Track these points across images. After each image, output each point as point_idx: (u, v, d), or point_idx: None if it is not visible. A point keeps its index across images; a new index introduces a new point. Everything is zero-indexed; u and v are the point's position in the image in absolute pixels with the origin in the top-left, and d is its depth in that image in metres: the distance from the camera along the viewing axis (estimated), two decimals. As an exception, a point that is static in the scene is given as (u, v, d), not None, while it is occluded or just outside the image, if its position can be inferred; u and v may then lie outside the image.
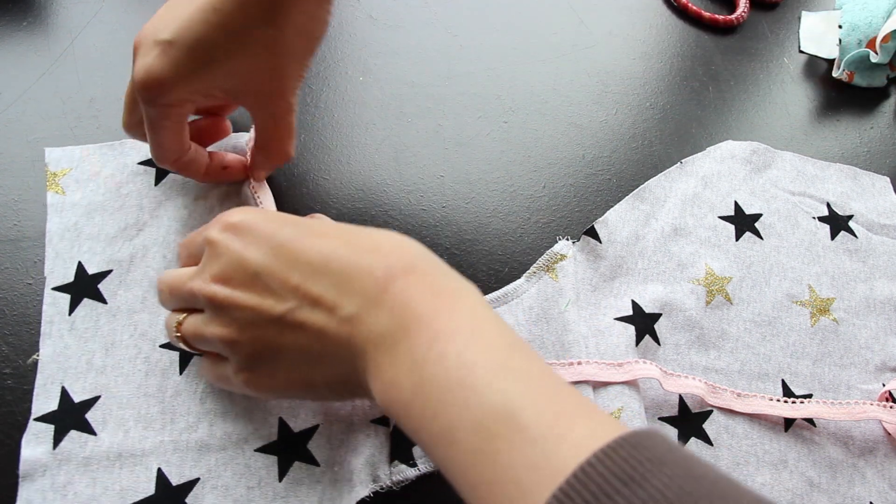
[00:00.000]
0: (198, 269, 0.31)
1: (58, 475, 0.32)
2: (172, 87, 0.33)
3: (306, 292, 0.28)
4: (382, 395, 0.27)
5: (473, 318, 0.27)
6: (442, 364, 0.25)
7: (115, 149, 0.41)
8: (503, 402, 0.24)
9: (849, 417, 0.38)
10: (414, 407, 0.26)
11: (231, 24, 0.32)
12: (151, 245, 0.38)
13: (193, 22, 0.32)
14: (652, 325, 0.40)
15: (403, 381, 0.26)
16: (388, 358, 0.27)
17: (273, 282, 0.28)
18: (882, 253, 0.45)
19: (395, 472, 0.34)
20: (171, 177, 0.40)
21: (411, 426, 0.26)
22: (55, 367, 0.34)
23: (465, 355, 0.26)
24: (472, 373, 0.25)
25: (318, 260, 0.29)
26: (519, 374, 0.25)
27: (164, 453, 0.33)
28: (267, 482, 0.33)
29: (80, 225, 0.38)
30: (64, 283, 0.36)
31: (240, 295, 0.29)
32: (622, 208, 0.43)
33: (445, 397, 0.25)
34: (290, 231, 0.30)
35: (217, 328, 0.29)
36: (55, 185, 0.39)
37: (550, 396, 0.25)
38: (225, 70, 0.33)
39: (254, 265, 0.29)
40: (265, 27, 0.33)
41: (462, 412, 0.24)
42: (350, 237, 0.30)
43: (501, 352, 0.26)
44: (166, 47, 0.32)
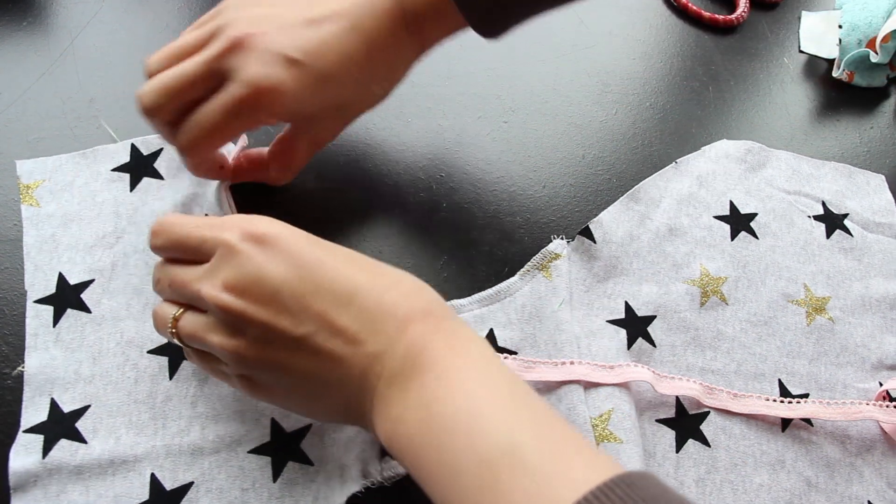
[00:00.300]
0: (207, 271, 0.29)
1: (49, 484, 0.32)
2: (283, 103, 0.34)
3: (329, 321, 0.28)
4: (387, 428, 0.28)
5: (482, 364, 0.28)
6: (451, 403, 0.26)
7: (88, 157, 0.40)
8: (507, 439, 0.25)
9: (845, 418, 0.38)
10: (418, 441, 0.27)
11: (359, 74, 0.35)
12: (132, 252, 0.38)
13: (325, 53, 0.34)
14: (644, 328, 0.40)
15: (410, 416, 0.27)
16: (398, 395, 0.28)
17: (294, 303, 0.28)
18: (877, 251, 0.45)
19: (387, 467, 0.34)
20: (146, 182, 0.40)
21: (412, 460, 0.27)
22: (42, 378, 0.34)
23: (473, 395, 0.27)
24: (479, 411, 0.26)
25: (344, 290, 0.29)
26: (523, 414, 0.26)
27: (157, 458, 0.33)
28: (261, 483, 0.33)
29: (57, 236, 0.38)
30: (46, 296, 0.36)
31: (255, 310, 0.28)
32: (616, 209, 0.43)
33: (452, 435, 0.26)
34: (318, 253, 0.29)
35: (223, 338, 0.29)
36: (29, 197, 0.39)
37: (552, 435, 0.26)
38: (326, 103, 0.36)
39: (275, 283, 0.28)
40: (380, 83, 0.38)
41: (467, 446, 0.25)
42: (373, 270, 0.30)
43: (507, 394, 0.27)
44: (293, 65, 0.33)
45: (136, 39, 0.46)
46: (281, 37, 0.34)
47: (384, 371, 0.28)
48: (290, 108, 0.34)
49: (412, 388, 0.27)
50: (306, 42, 0.34)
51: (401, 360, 0.28)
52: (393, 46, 0.36)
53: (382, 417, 0.28)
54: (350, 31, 0.35)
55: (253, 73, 0.33)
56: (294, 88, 0.33)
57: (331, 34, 0.34)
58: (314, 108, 0.35)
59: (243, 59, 0.33)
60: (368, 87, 0.37)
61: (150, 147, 0.41)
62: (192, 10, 0.49)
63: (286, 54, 0.33)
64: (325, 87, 0.34)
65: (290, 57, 0.33)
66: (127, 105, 0.43)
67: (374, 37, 0.35)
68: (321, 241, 0.31)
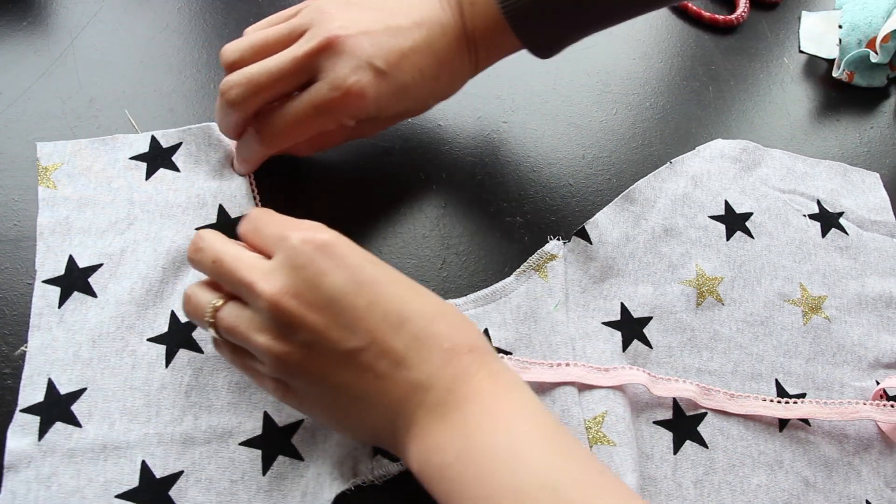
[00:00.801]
0: (268, 268, 0.29)
1: (42, 466, 0.32)
2: (364, 108, 0.35)
3: (380, 340, 0.28)
4: (421, 455, 0.28)
5: (524, 401, 0.29)
6: (493, 436, 0.27)
7: (107, 143, 0.41)
8: (547, 474, 0.26)
9: (842, 418, 0.38)
10: (455, 471, 0.27)
11: (426, 88, 0.38)
12: (142, 240, 0.38)
13: (405, 66, 0.36)
14: (640, 330, 0.40)
15: (449, 446, 0.27)
16: (437, 425, 0.28)
17: (347, 315, 0.28)
18: (873, 249, 0.45)
19: (377, 466, 0.34)
20: (162, 172, 0.40)
21: (445, 488, 0.27)
22: (42, 358, 0.35)
23: (516, 429, 0.27)
24: (521, 444, 0.27)
25: (396, 311, 0.29)
26: (564, 452, 0.27)
27: (149, 446, 0.33)
28: (251, 476, 0.33)
29: (70, 219, 0.38)
30: (54, 276, 0.37)
31: (309, 315, 0.28)
32: (612, 209, 0.43)
33: (491, 465, 0.26)
34: (375, 271, 0.30)
35: (269, 340, 0.28)
36: (46, 179, 0.39)
37: (592, 475, 0.27)
38: (392, 111, 0.38)
39: (332, 291, 0.28)
40: (437, 98, 0.41)
41: (507, 479, 0.26)
42: (422, 296, 0.31)
43: (548, 432, 0.28)
44: (378, 74, 0.35)
45: (136, 39, 0.46)
46: (368, 43, 0.35)
47: (426, 400, 0.28)
48: (368, 112, 0.36)
49: (453, 419, 0.28)
50: (389, 53, 0.36)
51: (444, 391, 0.28)
52: (456, 65, 0.39)
53: (418, 445, 0.28)
54: (425, 46, 0.37)
55: (343, 76, 0.34)
56: (376, 96, 0.35)
57: (410, 48, 0.36)
58: (383, 113, 0.37)
59: (333, 62, 0.35)
60: (426, 101, 0.40)
61: (170, 140, 0.41)
62: (192, 10, 0.49)
63: (374, 63, 0.35)
64: (399, 97, 0.37)
65: (377, 66, 0.35)
66: (127, 105, 0.43)
67: (444, 55, 0.38)
68: (377, 259, 0.31)
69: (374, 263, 0.30)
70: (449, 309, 0.31)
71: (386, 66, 0.35)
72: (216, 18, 0.49)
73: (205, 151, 0.41)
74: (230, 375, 0.35)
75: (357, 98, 0.35)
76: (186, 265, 0.37)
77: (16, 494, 0.31)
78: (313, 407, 0.31)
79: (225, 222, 0.39)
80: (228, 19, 0.49)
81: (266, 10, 0.50)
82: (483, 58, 0.40)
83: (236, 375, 0.35)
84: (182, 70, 0.46)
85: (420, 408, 0.28)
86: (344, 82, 0.34)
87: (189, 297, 0.32)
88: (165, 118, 0.43)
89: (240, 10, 0.49)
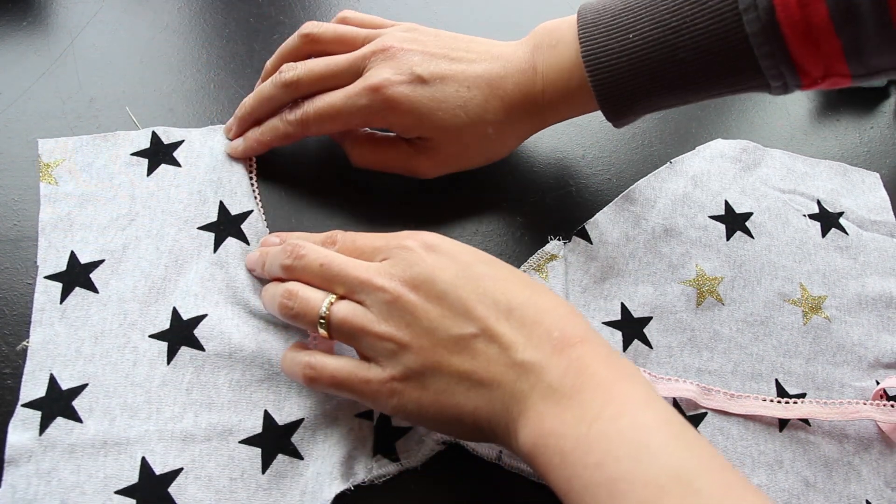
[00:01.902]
0: (381, 268, 0.32)
1: (43, 461, 0.32)
2: (397, 112, 0.38)
3: (488, 327, 0.30)
4: (535, 440, 0.28)
5: (645, 393, 0.29)
6: (615, 423, 0.27)
7: (108, 140, 0.41)
8: (677, 465, 0.25)
9: (842, 417, 0.38)
10: (573, 456, 0.27)
11: (483, 128, 0.39)
12: (144, 236, 0.38)
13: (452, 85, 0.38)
14: (640, 329, 0.40)
15: (568, 431, 0.27)
16: (554, 409, 0.28)
17: (458, 305, 0.30)
18: (873, 249, 0.45)
19: (377, 466, 0.34)
20: (164, 168, 0.40)
21: (563, 474, 0.27)
22: (44, 354, 0.35)
23: (640, 419, 0.27)
24: (646, 434, 0.27)
25: (504, 302, 0.31)
26: (692, 444, 0.27)
27: (149, 442, 0.33)
28: (250, 474, 0.33)
29: (72, 215, 0.38)
30: (56, 272, 0.37)
31: (426, 305, 0.30)
32: (612, 209, 0.43)
33: (615, 451, 0.26)
34: (484, 268, 0.32)
35: (390, 328, 0.30)
36: (48, 175, 0.39)
37: (721, 469, 0.26)
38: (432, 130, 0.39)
39: (444, 284, 0.31)
40: (490, 144, 0.41)
41: (633, 466, 0.26)
42: (534, 289, 0.32)
43: (674, 423, 0.27)
44: (418, 82, 0.38)
45: (136, 39, 0.46)
46: (420, 58, 0.38)
47: (539, 384, 0.29)
48: (403, 120, 0.38)
49: (572, 404, 0.28)
50: (437, 67, 0.38)
51: (559, 376, 0.28)
52: (510, 106, 0.39)
53: (531, 428, 0.28)
54: (480, 76, 0.38)
55: (380, 75, 0.38)
56: (410, 102, 0.38)
57: (462, 72, 0.38)
58: (425, 130, 0.39)
59: (380, 64, 0.38)
60: (473, 140, 0.40)
61: (171, 137, 0.41)
62: (192, 10, 0.49)
63: (415, 70, 0.38)
64: (440, 115, 0.38)
65: (418, 73, 0.38)
66: (127, 104, 0.43)
67: (499, 90, 0.39)
68: (490, 258, 0.33)
69: (485, 262, 0.33)
70: (561, 303, 0.32)
71: (428, 75, 0.37)
72: (216, 18, 0.49)
73: (207, 147, 0.41)
74: (231, 373, 0.35)
75: (387, 96, 0.37)
76: (188, 262, 0.38)
77: (16, 489, 0.31)
78: (430, 402, 0.30)
79: (225, 219, 0.39)
80: (228, 19, 0.49)
81: (266, 10, 0.50)
82: (548, 118, 0.41)
83: (237, 373, 0.35)
84: (182, 70, 0.46)
85: (534, 391, 0.29)
86: (378, 78, 0.37)
87: (294, 292, 0.33)
88: (165, 118, 0.43)
89: (240, 10, 0.49)
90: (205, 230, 0.38)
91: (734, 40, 0.34)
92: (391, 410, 0.31)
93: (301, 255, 0.34)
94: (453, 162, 0.41)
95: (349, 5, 0.51)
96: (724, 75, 0.35)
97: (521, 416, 0.29)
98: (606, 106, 0.38)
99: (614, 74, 0.36)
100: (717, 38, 0.34)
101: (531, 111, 0.40)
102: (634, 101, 0.38)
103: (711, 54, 0.35)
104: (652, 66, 0.36)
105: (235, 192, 0.40)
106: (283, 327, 0.37)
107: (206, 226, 0.39)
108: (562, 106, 0.40)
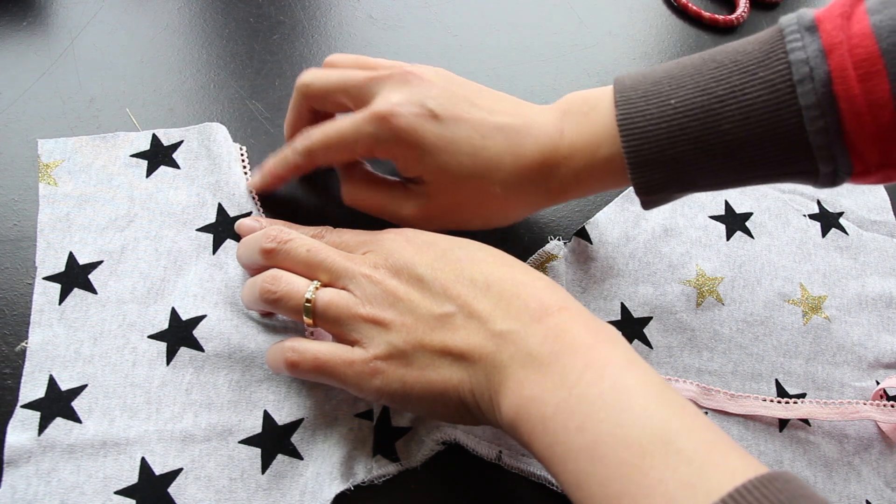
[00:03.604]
0: (364, 257, 0.33)
1: (42, 462, 0.32)
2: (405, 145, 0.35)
3: (466, 304, 0.31)
4: (517, 409, 0.28)
5: (626, 356, 0.28)
6: (596, 386, 0.27)
7: (108, 140, 0.41)
8: (659, 425, 0.25)
9: (842, 418, 0.38)
10: (555, 421, 0.27)
11: (492, 186, 0.36)
12: (142, 237, 0.38)
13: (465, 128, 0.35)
14: (640, 329, 0.40)
15: (548, 397, 0.27)
16: (534, 376, 0.28)
17: (437, 287, 0.31)
18: (873, 249, 0.45)
19: (377, 466, 0.34)
20: (163, 170, 0.40)
21: (545, 440, 0.27)
22: (43, 355, 0.35)
23: (620, 381, 0.27)
24: (627, 396, 0.26)
25: (482, 280, 0.31)
26: (673, 405, 0.26)
27: (149, 443, 0.33)
28: (250, 474, 0.33)
29: (71, 216, 0.38)
30: (55, 273, 0.37)
31: (405, 289, 0.32)
32: (612, 209, 0.43)
33: (596, 414, 0.26)
34: (461, 252, 0.33)
35: (374, 309, 0.31)
36: (47, 176, 0.39)
37: (704, 429, 0.26)
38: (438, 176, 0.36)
39: (422, 268, 0.32)
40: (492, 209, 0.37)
41: (614, 429, 0.25)
42: (512, 266, 0.32)
43: (655, 385, 0.27)
44: (430, 118, 0.35)
45: (136, 39, 0.46)
46: (437, 92, 0.35)
47: (518, 351, 0.29)
48: (407, 156, 0.35)
49: (552, 370, 0.28)
50: (453, 104, 0.35)
51: (538, 343, 0.29)
52: (524, 167, 0.36)
53: (513, 396, 0.28)
54: (498, 130, 0.35)
55: (386, 102, 0.35)
56: (418, 135, 0.34)
57: (479, 119, 0.35)
58: (432, 175, 0.36)
59: (392, 88, 0.35)
60: (480, 199, 0.37)
61: (171, 139, 0.41)
62: (192, 10, 0.49)
63: (428, 104, 0.35)
64: (450, 162, 0.35)
65: (430, 107, 0.35)
66: (127, 104, 0.43)
67: (517, 147, 0.35)
68: (467, 240, 0.34)
69: (461, 247, 0.33)
70: (539, 276, 0.32)
71: (442, 112, 0.35)
72: (216, 18, 0.49)
73: (206, 149, 0.41)
74: (231, 374, 0.35)
75: (392, 125, 0.34)
76: (187, 264, 0.38)
77: (15, 489, 0.31)
78: (413, 380, 0.30)
79: (223, 221, 0.39)
80: (228, 19, 0.49)
81: (266, 10, 0.50)
82: (566, 193, 0.37)
83: (237, 374, 0.35)
84: (182, 70, 0.46)
85: (514, 359, 0.29)
86: (386, 105, 0.34)
87: (278, 277, 0.33)
88: (165, 118, 0.43)
89: (240, 10, 0.49)
90: (203, 232, 0.38)
91: (786, 114, 0.31)
92: (375, 392, 0.31)
93: (286, 239, 0.34)
94: (445, 217, 0.38)
95: (349, 5, 0.51)
96: (770, 152, 0.32)
97: (502, 386, 0.29)
98: (637, 176, 0.34)
99: (650, 140, 0.33)
100: (767, 111, 0.31)
101: (547, 179, 0.36)
102: (668, 175, 0.34)
103: (759, 127, 0.31)
104: (693, 136, 0.32)
105: (234, 193, 0.40)
106: (283, 328, 0.37)
107: (204, 227, 0.39)
108: (584, 176, 0.36)
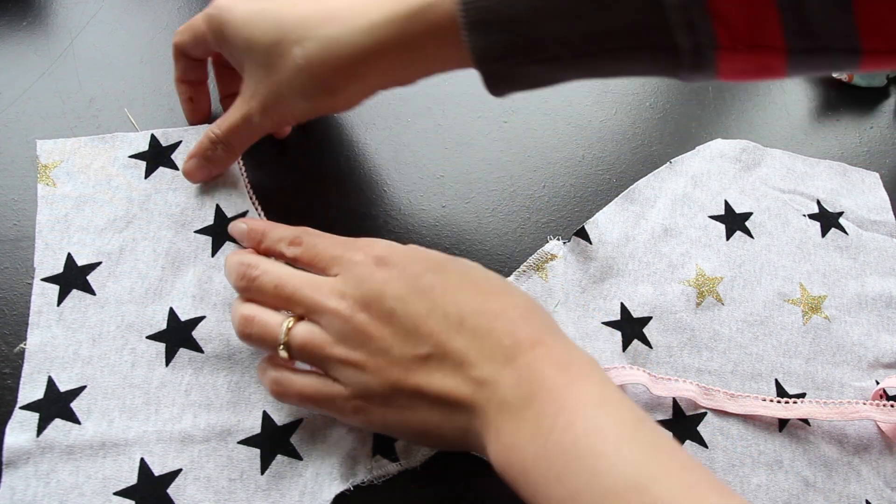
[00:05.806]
0: (333, 286, 0.31)
1: (41, 463, 0.32)
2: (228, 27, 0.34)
3: (439, 343, 0.29)
4: (500, 456, 0.28)
5: (600, 392, 0.28)
6: (570, 432, 0.26)
7: (107, 141, 0.41)
8: (634, 472, 0.25)
9: (842, 417, 0.38)
10: (535, 471, 0.26)
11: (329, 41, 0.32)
12: (141, 238, 0.38)
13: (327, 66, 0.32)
14: (640, 329, 0.40)
15: (526, 445, 0.27)
16: (511, 423, 0.28)
17: (408, 323, 0.29)
18: (872, 249, 0.45)
19: (377, 466, 0.34)
20: (161, 171, 0.40)
21: (528, 490, 0.27)
22: (42, 356, 0.35)
23: (593, 425, 0.26)
24: (601, 441, 0.26)
25: (455, 314, 0.30)
26: (649, 446, 0.26)
27: (148, 443, 0.33)
28: (249, 475, 0.33)
29: (69, 217, 0.38)
30: (53, 275, 0.37)
31: (376, 326, 0.30)
32: (612, 209, 0.43)
33: (572, 464, 0.26)
34: (433, 278, 0.31)
35: (345, 350, 0.30)
36: (46, 177, 0.39)
37: (681, 469, 0.25)
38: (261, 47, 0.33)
39: (392, 301, 0.30)
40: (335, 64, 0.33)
41: (590, 479, 0.25)
42: (486, 293, 0.31)
43: (629, 424, 0.27)
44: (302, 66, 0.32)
45: (136, 39, 0.46)
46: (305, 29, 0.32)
47: (493, 398, 0.28)
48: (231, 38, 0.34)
49: (526, 417, 0.27)
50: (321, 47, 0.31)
51: (512, 388, 0.28)
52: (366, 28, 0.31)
53: (494, 443, 0.28)
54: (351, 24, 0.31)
55: None
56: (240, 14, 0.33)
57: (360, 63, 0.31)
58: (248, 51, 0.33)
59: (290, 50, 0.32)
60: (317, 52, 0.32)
61: (170, 139, 0.41)
62: (192, 10, 0.49)
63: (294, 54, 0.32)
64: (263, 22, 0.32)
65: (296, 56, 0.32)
66: (127, 104, 0.43)
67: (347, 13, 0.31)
68: (440, 262, 0.32)
69: (435, 271, 0.31)
70: (513, 304, 0.31)
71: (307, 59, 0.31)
72: (216, 18, 0.49)
73: None
74: (230, 375, 0.35)
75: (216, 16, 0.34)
76: (185, 265, 0.37)
77: (14, 490, 0.31)
78: (395, 422, 0.30)
79: (221, 222, 0.39)
80: (228, 19, 0.49)
81: (266, 10, 0.50)
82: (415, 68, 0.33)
83: (236, 375, 0.35)
84: (182, 70, 0.46)
85: (489, 405, 0.28)
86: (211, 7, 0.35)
87: (251, 318, 0.32)
88: (165, 118, 0.43)
89: (240, 10, 0.49)
90: (202, 234, 0.38)
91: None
92: (360, 425, 0.31)
93: (253, 276, 0.32)
94: None
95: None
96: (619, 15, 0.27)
97: (484, 431, 0.28)
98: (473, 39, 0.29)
99: None
100: None
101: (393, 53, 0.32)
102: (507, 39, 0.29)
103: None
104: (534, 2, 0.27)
105: (231, 193, 0.40)
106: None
107: (203, 229, 0.39)
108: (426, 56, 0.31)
